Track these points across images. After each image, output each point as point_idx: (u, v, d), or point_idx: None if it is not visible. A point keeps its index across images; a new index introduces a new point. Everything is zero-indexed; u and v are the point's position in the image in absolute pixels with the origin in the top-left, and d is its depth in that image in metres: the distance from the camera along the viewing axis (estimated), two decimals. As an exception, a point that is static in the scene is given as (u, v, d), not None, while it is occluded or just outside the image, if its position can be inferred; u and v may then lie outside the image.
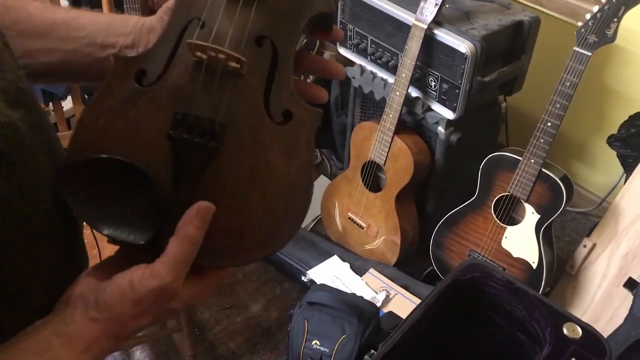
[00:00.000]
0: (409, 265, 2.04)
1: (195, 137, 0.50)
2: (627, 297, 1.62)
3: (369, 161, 1.93)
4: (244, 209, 0.51)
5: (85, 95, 2.40)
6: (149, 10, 2.91)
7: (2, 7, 0.63)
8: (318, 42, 2.63)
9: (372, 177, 1.96)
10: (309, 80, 2.34)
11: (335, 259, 1.99)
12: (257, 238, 0.51)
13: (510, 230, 1.76)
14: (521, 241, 1.74)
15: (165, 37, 0.56)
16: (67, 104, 1.89)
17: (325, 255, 2.00)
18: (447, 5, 1.73)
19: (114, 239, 0.50)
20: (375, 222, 2.02)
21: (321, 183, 2.35)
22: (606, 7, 1.46)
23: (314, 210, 2.25)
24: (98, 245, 0.66)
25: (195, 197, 0.49)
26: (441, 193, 2.00)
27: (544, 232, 1.71)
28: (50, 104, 1.74)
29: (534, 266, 1.73)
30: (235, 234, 0.51)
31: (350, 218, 2.09)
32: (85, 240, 0.60)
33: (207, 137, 0.50)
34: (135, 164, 0.49)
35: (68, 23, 0.65)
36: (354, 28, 1.95)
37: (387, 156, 1.86)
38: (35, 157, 0.49)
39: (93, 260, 0.58)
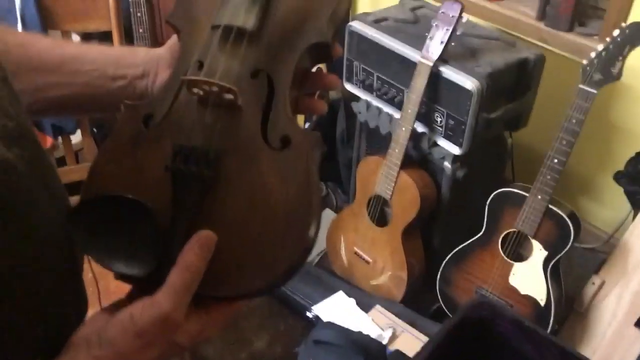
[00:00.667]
0: (416, 302, 2.02)
1: (191, 167, 0.52)
2: (639, 337, 1.59)
3: (374, 195, 1.93)
4: (243, 236, 0.51)
5: (94, 129, 2.42)
6: (159, 45, 2.96)
7: (15, 45, 0.65)
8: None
9: (378, 211, 1.96)
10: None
11: (340, 294, 1.97)
12: (258, 265, 0.50)
13: (517, 266, 1.74)
14: (529, 278, 1.73)
15: (170, 82, 0.59)
16: (76, 137, 1.91)
17: (330, 291, 1.99)
18: (453, 43, 1.75)
19: (119, 273, 0.51)
20: (381, 257, 2.01)
21: (326, 216, 2.35)
22: (611, 46, 1.48)
23: (319, 244, 2.24)
24: (98, 286, 0.67)
25: (195, 227, 0.50)
26: (448, 228, 1.99)
27: (552, 269, 1.69)
28: (59, 137, 1.76)
29: (542, 303, 1.71)
30: (235, 262, 0.51)
31: (356, 253, 2.08)
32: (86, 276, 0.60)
33: (202, 166, 0.52)
34: (134, 197, 0.50)
35: (78, 57, 0.66)
36: (360, 65, 1.97)
37: (393, 191, 1.86)
38: (32, 194, 0.49)
39: (92, 296, 0.58)
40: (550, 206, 1.63)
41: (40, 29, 1.55)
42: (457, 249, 1.88)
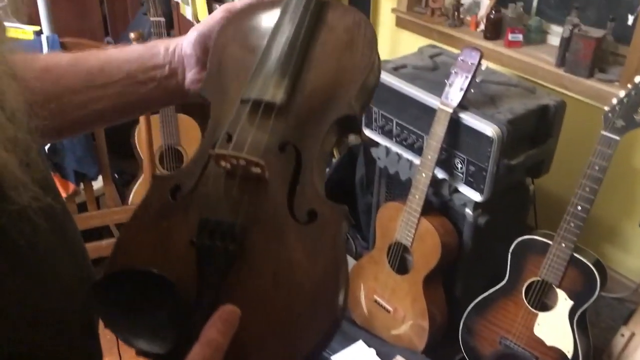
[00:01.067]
0: (437, 352, 1.96)
1: (217, 241, 0.51)
2: (672, 392, 1.52)
3: (395, 242, 1.90)
4: (268, 313, 0.49)
5: (115, 175, 2.45)
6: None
7: (41, 71, 0.65)
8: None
9: (399, 258, 1.93)
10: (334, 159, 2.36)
11: (360, 344, 1.93)
12: (283, 344, 0.49)
13: (542, 316, 1.69)
14: (555, 328, 1.68)
15: (198, 153, 0.58)
16: (97, 183, 1.93)
17: (350, 340, 1.94)
18: (472, 90, 1.76)
19: (141, 351, 0.49)
20: (402, 306, 1.97)
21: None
22: (633, 92, 1.47)
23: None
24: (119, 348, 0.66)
25: (219, 301, 0.48)
26: (470, 276, 1.95)
27: (579, 320, 1.64)
28: (82, 183, 1.77)
29: (569, 356, 1.65)
30: (259, 339, 0.49)
31: (376, 301, 2.05)
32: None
33: (227, 240, 0.51)
34: (159, 272, 0.49)
35: (103, 69, 0.67)
36: (379, 111, 1.98)
37: (413, 237, 1.84)
38: (50, 244, 0.49)
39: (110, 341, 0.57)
40: (575, 254, 1.59)
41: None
42: (479, 297, 1.84)
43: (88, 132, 1.66)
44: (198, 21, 2.67)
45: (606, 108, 1.51)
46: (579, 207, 1.55)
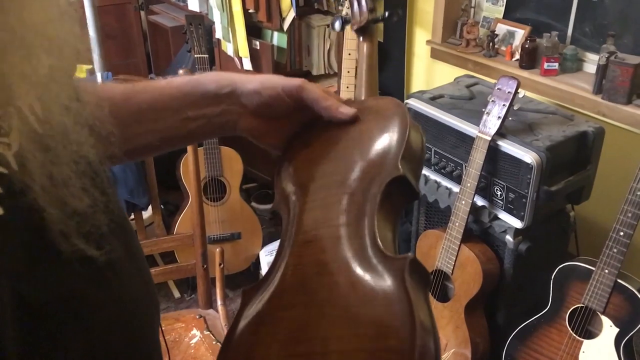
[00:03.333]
0: (480, 380, 1.95)
1: None
2: None
3: (435, 270, 1.92)
4: None
5: (162, 206, 2.53)
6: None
7: (95, 97, 0.68)
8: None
9: (440, 286, 1.94)
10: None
11: (402, 371, 1.93)
12: None
13: (587, 344, 1.68)
14: (600, 357, 1.66)
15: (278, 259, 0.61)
16: (147, 213, 2.00)
17: (392, 368, 1.95)
18: (510, 118, 1.78)
19: None
20: (444, 334, 1.97)
21: (386, 292, 2.33)
22: (673, 118, 1.48)
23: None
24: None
25: None
26: (512, 304, 1.95)
27: (625, 347, 1.62)
28: (132, 213, 1.84)
29: (617, 384, 1.63)
30: None
31: (417, 328, 2.05)
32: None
33: None
34: None
35: (153, 105, 0.68)
36: (418, 140, 2.01)
37: (454, 265, 1.85)
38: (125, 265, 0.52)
39: None
40: (619, 280, 1.58)
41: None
42: (522, 325, 1.83)
43: (131, 162, 1.71)
44: (239, 57, 2.77)
45: (646, 134, 1.52)
46: (622, 233, 1.55)
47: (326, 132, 0.68)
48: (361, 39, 0.84)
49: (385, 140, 0.62)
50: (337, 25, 0.86)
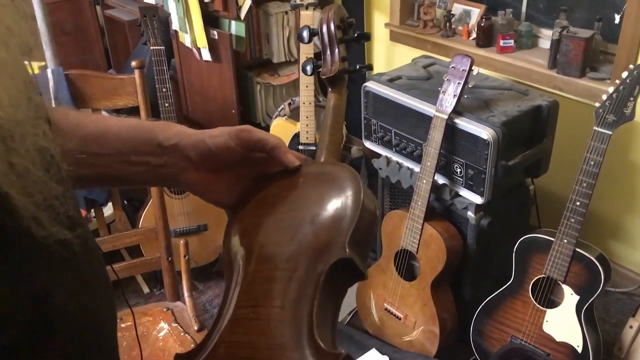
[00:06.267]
0: (450, 356, 1.98)
1: None
2: (683, 379, 1.54)
3: (401, 249, 1.94)
4: None
5: (125, 201, 2.50)
6: (184, 118, 3.07)
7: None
8: (344, 136, 2.73)
9: (406, 265, 1.96)
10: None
11: (373, 352, 1.95)
12: None
13: (550, 313, 1.72)
14: (563, 324, 1.70)
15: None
16: (108, 210, 1.97)
17: (363, 349, 1.97)
18: (466, 96, 1.80)
19: None
20: (412, 312, 1.99)
21: (356, 275, 2.35)
22: (621, 87, 1.51)
23: (350, 303, 2.24)
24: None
25: None
26: (477, 278, 1.98)
27: (586, 314, 1.66)
28: (92, 210, 1.82)
29: (579, 350, 1.67)
30: None
31: (386, 309, 2.07)
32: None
33: None
34: None
35: (98, 140, 0.68)
36: (377, 122, 2.03)
37: (419, 244, 1.87)
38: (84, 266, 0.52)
39: None
40: (578, 249, 1.62)
41: (72, 107, 1.65)
42: (487, 299, 1.87)
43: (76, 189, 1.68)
44: (197, 48, 2.74)
45: (597, 104, 1.55)
46: (578, 203, 1.58)
47: (280, 192, 0.67)
48: (329, 89, 0.81)
49: (337, 216, 0.60)
50: (309, 69, 0.83)
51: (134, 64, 1.58)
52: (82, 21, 3.67)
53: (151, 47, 2.29)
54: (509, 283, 1.80)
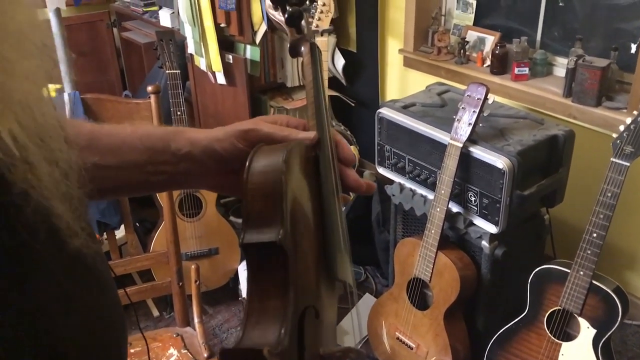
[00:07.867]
0: (462, 387, 1.94)
1: None
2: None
3: (414, 278, 1.91)
4: None
5: (137, 224, 2.50)
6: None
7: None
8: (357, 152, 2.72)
9: (419, 294, 1.94)
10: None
11: (384, 381, 1.92)
12: None
13: (566, 346, 1.68)
14: (579, 358, 1.66)
15: (286, 323, 0.55)
16: (119, 232, 1.97)
17: (374, 378, 1.94)
18: (481, 124, 1.79)
19: None
20: (424, 342, 1.96)
21: (367, 302, 2.33)
22: (639, 119, 1.49)
23: (361, 330, 2.21)
24: None
25: None
26: (491, 309, 1.95)
27: (603, 348, 1.63)
28: (105, 233, 1.82)
29: (596, 385, 1.63)
30: None
31: (398, 338, 2.04)
32: None
33: None
34: None
35: (114, 152, 0.68)
36: (391, 149, 2.02)
37: (432, 272, 1.85)
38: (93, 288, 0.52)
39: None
40: (594, 282, 1.59)
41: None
42: (501, 330, 1.83)
43: (94, 201, 1.69)
44: (212, 72, 2.76)
45: (614, 135, 1.53)
46: (594, 234, 1.56)
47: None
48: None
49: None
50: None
51: (149, 88, 1.59)
52: (99, 43, 3.72)
53: (167, 71, 2.30)
54: (524, 314, 1.77)
